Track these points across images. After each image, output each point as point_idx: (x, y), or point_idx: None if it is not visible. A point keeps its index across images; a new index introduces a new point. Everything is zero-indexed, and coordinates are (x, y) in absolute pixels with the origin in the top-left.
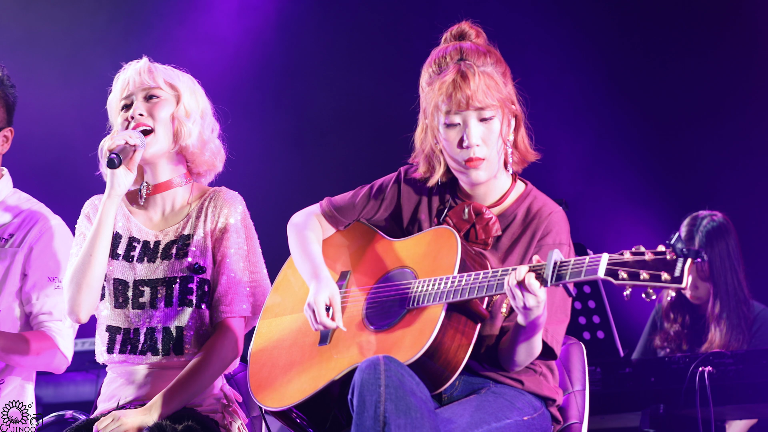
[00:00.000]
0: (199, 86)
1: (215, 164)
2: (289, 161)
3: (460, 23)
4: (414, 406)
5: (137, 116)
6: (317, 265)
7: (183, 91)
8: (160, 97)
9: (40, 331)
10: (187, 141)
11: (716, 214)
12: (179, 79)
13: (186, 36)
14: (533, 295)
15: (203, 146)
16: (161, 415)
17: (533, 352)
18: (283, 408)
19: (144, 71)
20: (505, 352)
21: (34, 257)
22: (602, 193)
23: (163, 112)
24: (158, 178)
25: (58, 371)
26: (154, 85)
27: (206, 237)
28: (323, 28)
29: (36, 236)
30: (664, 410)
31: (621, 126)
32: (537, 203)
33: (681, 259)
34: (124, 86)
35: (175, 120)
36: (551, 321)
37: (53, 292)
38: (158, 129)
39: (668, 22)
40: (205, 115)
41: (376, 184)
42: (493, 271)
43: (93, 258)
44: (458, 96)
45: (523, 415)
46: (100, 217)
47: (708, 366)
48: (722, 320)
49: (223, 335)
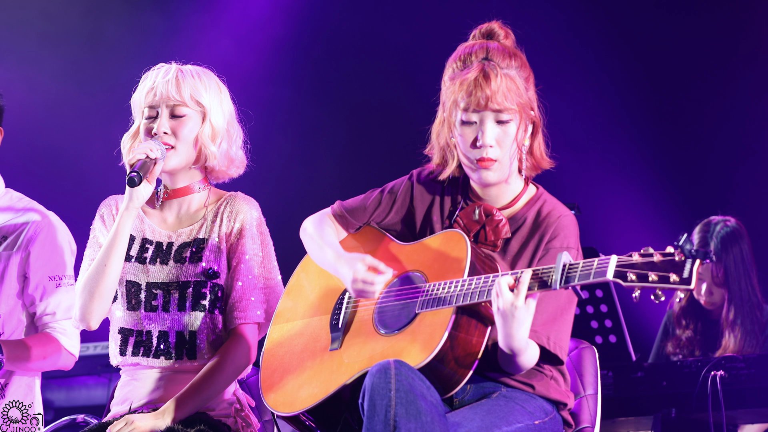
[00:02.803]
0: (225, 89)
1: (237, 173)
2: (303, 166)
3: (491, 22)
4: (424, 410)
5: (161, 134)
6: (339, 251)
7: (210, 108)
8: (186, 116)
9: (44, 334)
10: (212, 162)
11: (729, 219)
12: (207, 91)
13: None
14: (509, 297)
15: (229, 164)
16: (174, 420)
17: (530, 360)
18: (294, 413)
19: (172, 83)
20: (505, 360)
21: (33, 258)
22: (615, 197)
23: (187, 131)
24: (177, 184)
25: (66, 369)
26: (180, 101)
27: (221, 241)
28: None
29: (32, 237)
30: (676, 414)
31: (634, 130)
32: (547, 207)
33: (689, 260)
34: (150, 92)
35: (198, 141)
36: (554, 325)
37: (55, 291)
38: (180, 147)
39: (685, 20)
40: (231, 126)
41: (387, 186)
42: (502, 274)
43: (107, 268)
44: (478, 95)
45: (534, 419)
46: (117, 228)
47: (720, 370)
48: (737, 326)
49: (237, 341)
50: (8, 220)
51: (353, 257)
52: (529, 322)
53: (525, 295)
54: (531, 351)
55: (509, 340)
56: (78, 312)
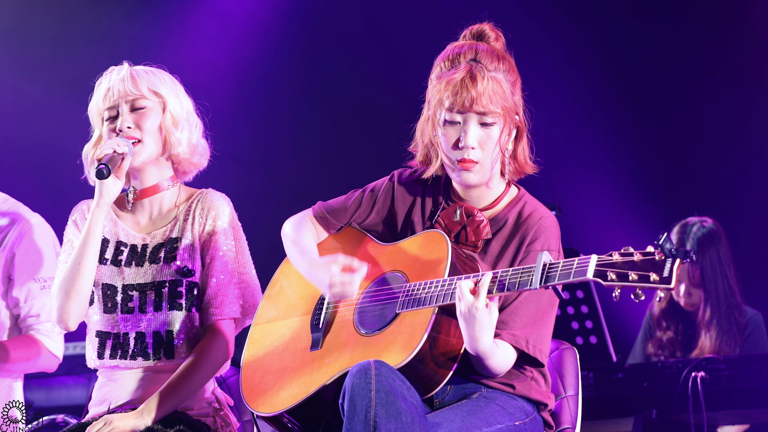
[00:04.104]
0: (180, 85)
1: (202, 163)
2: (283, 163)
3: (482, 23)
4: (404, 410)
5: (125, 129)
6: (313, 258)
7: (168, 97)
8: (146, 107)
9: (27, 336)
10: (177, 149)
11: (706, 220)
12: (162, 83)
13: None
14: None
15: (192, 151)
16: (153, 419)
17: (504, 364)
18: (274, 413)
19: (127, 79)
20: (476, 362)
21: (18, 260)
22: (595, 198)
23: (150, 122)
24: (145, 182)
25: (50, 371)
26: (138, 94)
27: (194, 240)
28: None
29: (16, 238)
30: (656, 415)
31: (614, 132)
32: (528, 208)
33: (669, 260)
34: (107, 94)
35: (162, 130)
36: (534, 328)
37: (40, 293)
38: (146, 139)
39: (662, 24)
40: (190, 115)
41: (368, 187)
42: (483, 274)
43: (82, 267)
44: (463, 96)
45: (514, 420)
46: (89, 226)
47: (701, 371)
48: (712, 326)
49: (213, 338)
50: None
51: (326, 261)
52: (493, 326)
53: (485, 297)
54: (501, 355)
55: (474, 343)
56: (56, 314)
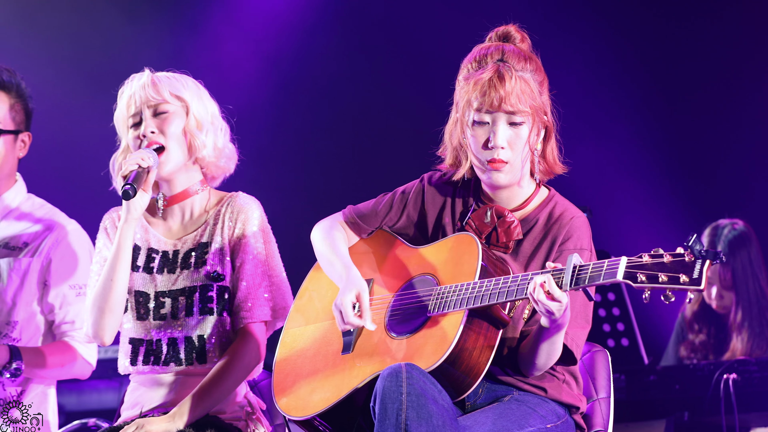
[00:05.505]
0: (204, 89)
1: (229, 167)
2: (313, 166)
3: (507, 25)
4: (435, 413)
5: (149, 134)
6: (346, 264)
7: (191, 101)
8: (169, 112)
9: (61, 342)
10: (202, 153)
11: (737, 222)
12: (185, 87)
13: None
14: (556, 302)
15: (219, 154)
16: (186, 423)
17: (553, 355)
18: (306, 417)
19: (148, 85)
20: (526, 355)
21: (54, 267)
22: (626, 201)
23: (174, 127)
24: (174, 189)
25: (83, 377)
26: (160, 99)
27: (224, 243)
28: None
29: (53, 244)
30: (688, 418)
31: (645, 134)
32: (559, 208)
33: (699, 261)
34: (130, 102)
35: (187, 134)
36: (571, 325)
37: (75, 299)
38: (171, 145)
39: (699, 27)
40: (215, 119)
41: (398, 190)
42: (513, 276)
43: (114, 283)
44: (492, 95)
45: (546, 423)
46: (119, 242)
47: (732, 373)
48: (744, 328)
49: (245, 341)
50: (29, 227)
51: (353, 284)
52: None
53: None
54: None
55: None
56: (90, 329)
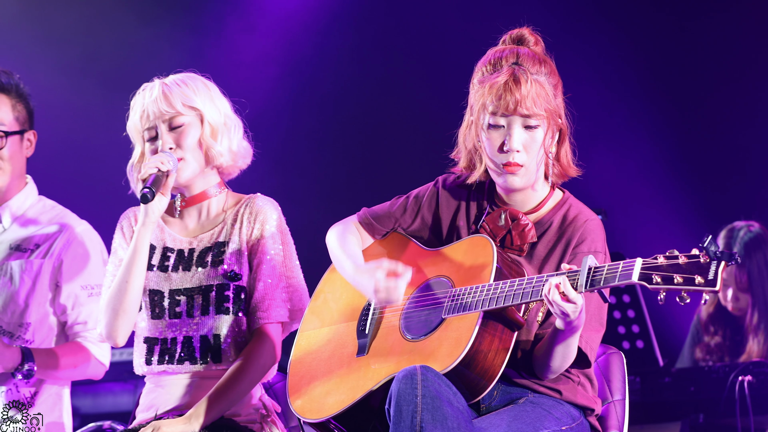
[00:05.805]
0: (214, 87)
1: (245, 164)
2: (329, 169)
3: (521, 28)
4: (450, 415)
5: (167, 150)
6: (357, 263)
7: (204, 108)
8: (185, 124)
9: (74, 343)
10: (219, 161)
11: (753, 224)
12: (196, 94)
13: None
14: (571, 303)
15: (235, 157)
16: (201, 425)
17: (568, 358)
18: (321, 419)
19: (160, 99)
20: (541, 358)
21: (65, 268)
22: (641, 203)
23: (190, 139)
24: (192, 191)
25: (96, 378)
26: (174, 112)
27: (242, 244)
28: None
29: (64, 245)
30: (703, 420)
31: (659, 136)
32: (573, 211)
33: (714, 262)
34: (143, 116)
35: (203, 144)
36: (586, 328)
37: (87, 300)
38: (188, 157)
39: (712, 31)
40: (228, 119)
41: (413, 193)
42: (528, 278)
43: (129, 285)
44: (507, 99)
45: (561, 425)
46: (135, 245)
47: (748, 375)
48: (760, 330)
49: (261, 342)
50: (40, 229)
51: (371, 267)
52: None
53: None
54: (575, 347)
55: (576, 324)
56: (104, 330)
